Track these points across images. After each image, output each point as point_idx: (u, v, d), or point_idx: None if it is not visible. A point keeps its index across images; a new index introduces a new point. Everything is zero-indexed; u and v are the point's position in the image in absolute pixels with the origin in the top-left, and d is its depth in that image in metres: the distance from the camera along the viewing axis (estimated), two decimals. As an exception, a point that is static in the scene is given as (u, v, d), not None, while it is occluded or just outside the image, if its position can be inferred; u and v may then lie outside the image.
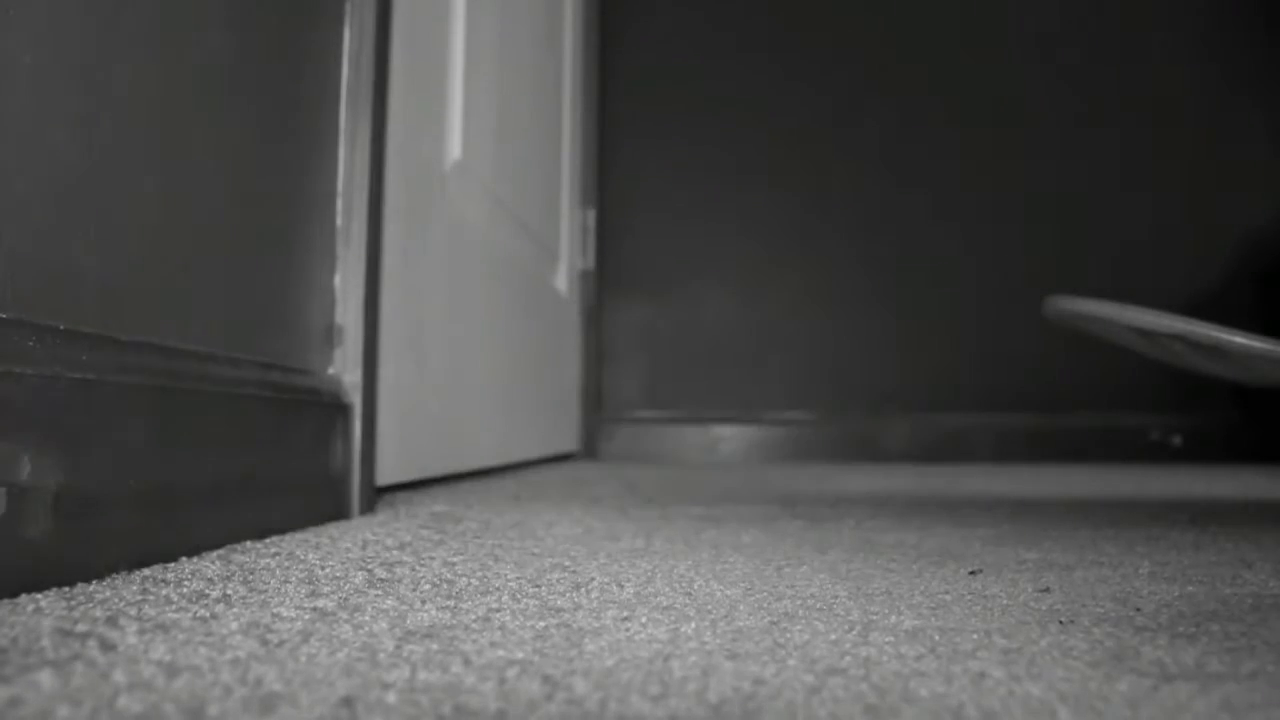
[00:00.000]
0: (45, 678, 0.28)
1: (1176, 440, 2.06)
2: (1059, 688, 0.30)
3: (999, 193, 2.12)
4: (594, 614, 0.40)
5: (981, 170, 2.12)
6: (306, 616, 0.38)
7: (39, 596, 0.39)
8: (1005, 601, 0.45)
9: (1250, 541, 0.68)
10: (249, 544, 0.56)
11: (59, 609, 0.37)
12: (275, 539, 0.59)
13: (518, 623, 0.38)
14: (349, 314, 0.75)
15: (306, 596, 0.42)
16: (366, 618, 0.38)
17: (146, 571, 0.46)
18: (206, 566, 0.48)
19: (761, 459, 2.06)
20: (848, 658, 0.34)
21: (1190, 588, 0.49)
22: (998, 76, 2.13)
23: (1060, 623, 0.40)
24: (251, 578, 0.46)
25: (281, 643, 0.34)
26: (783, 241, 2.13)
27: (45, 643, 0.32)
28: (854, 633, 0.38)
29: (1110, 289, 1.98)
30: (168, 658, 0.31)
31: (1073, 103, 2.13)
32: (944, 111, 2.13)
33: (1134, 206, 2.11)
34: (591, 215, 2.05)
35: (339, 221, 0.75)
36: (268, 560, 0.51)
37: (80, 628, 0.34)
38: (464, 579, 0.48)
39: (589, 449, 2.03)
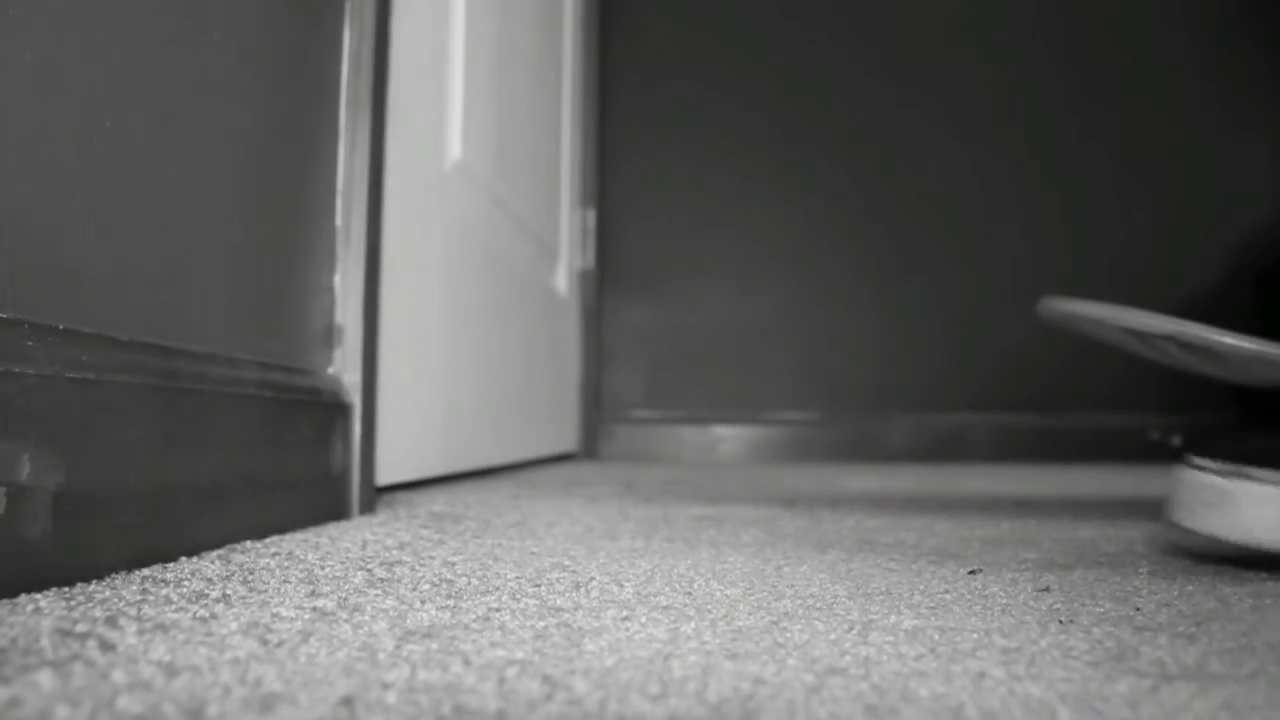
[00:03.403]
0: (45, 678, 0.28)
1: (1176, 440, 2.06)
2: (1059, 688, 0.30)
3: (999, 192, 2.12)
4: (594, 614, 0.40)
5: (981, 169, 2.12)
6: (306, 616, 0.38)
7: (38, 596, 0.39)
8: (1005, 601, 0.45)
9: (1250, 541, 0.68)
10: (249, 544, 0.56)
11: (58, 609, 0.37)
12: (275, 539, 0.59)
13: (517, 622, 0.38)
14: (349, 314, 0.75)
15: (306, 596, 0.42)
16: (366, 617, 0.38)
17: (146, 571, 0.46)
18: (206, 566, 0.48)
19: (761, 459, 2.06)
20: (847, 657, 0.34)
21: (1190, 588, 0.49)
22: (997, 74, 2.13)
23: (1060, 623, 0.40)
24: (251, 578, 0.46)
25: (281, 643, 0.34)
26: (783, 241, 2.13)
27: (45, 643, 0.32)
28: (854, 632, 0.38)
29: (1110, 288, 1.99)
30: (167, 658, 0.31)
31: (1072, 102, 2.12)
32: (943, 110, 2.13)
33: (1134, 206, 2.11)
34: (591, 215, 2.04)
35: (339, 221, 0.75)
36: (267, 560, 0.51)
37: (80, 628, 0.34)
38: (464, 579, 0.48)
39: (589, 449, 2.02)
